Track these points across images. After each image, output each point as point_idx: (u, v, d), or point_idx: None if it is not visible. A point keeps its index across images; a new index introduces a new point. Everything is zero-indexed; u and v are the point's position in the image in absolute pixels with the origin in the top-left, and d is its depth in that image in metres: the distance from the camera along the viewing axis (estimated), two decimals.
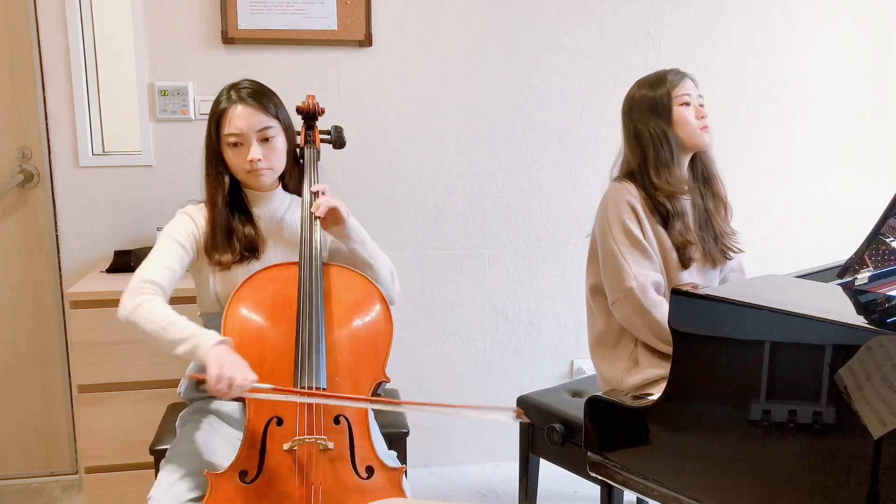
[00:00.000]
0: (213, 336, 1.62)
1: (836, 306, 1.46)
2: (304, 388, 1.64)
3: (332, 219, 1.86)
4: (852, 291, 1.58)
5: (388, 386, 1.89)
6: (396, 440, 2.04)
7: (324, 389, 1.66)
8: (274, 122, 1.82)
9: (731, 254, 2.11)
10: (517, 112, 2.88)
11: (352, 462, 1.65)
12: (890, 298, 1.50)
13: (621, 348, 2.06)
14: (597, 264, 2.09)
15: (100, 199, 2.67)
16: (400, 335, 2.87)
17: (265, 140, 1.81)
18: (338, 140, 2.06)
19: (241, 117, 1.79)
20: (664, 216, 2.02)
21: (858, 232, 1.75)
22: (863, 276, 1.67)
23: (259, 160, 1.80)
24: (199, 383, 1.62)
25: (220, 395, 1.56)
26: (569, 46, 2.86)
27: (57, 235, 2.72)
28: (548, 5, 2.82)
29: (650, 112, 2.05)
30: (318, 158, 1.96)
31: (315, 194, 1.87)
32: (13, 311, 2.78)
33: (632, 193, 2.01)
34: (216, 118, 1.82)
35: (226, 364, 1.55)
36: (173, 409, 2.12)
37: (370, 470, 1.67)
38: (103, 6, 2.69)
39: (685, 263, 2.02)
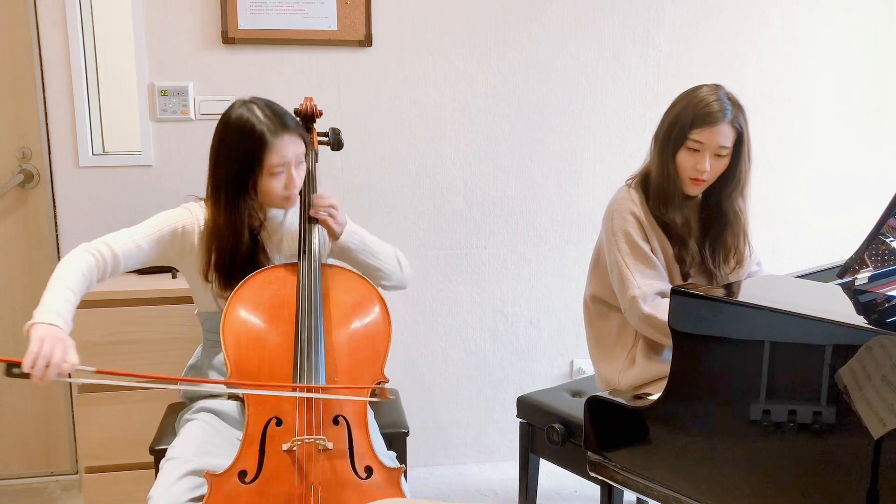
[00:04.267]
0: (48, 317, 1.52)
1: (836, 306, 1.46)
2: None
3: (331, 224, 1.87)
4: (852, 291, 1.58)
5: (387, 386, 1.89)
6: (396, 440, 2.04)
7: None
8: (304, 147, 1.83)
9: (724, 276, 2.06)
10: (517, 112, 2.87)
11: (351, 462, 1.66)
12: (890, 298, 1.50)
13: (618, 349, 2.06)
14: (599, 272, 2.08)
15: (100, 199, 2.67)
16: (400, 335, 2.88)
17: (299, 164, 1.82)
18: (336, 142, 2.06)
19: (289, 147, 1.77)
20: (664, 228, 1.99)
21: (858, 232, 1.75)
22: (863, 276, 1.67)
23: (297, 185, 1.81)
24: (9, 367, 1.45)
25: (37, 379, 1.45)
26: (568, 46, 2.86)
27: (57, 235, 2.71)
28: (547, 5, 2.82)
29: (665, 134, 1.92)
30: (316, 160, 1.96)
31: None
32: (13, 310, 2.78)
33: (635, 203, 1.97)
34: (259, 149, 1.74)
35: (46, 340, 1.46)
36: (173, 409, 2.12)
37: (369, 470, 1.67)
38: (103, 6, 2.69)
39: (684, 276, 2.01)
